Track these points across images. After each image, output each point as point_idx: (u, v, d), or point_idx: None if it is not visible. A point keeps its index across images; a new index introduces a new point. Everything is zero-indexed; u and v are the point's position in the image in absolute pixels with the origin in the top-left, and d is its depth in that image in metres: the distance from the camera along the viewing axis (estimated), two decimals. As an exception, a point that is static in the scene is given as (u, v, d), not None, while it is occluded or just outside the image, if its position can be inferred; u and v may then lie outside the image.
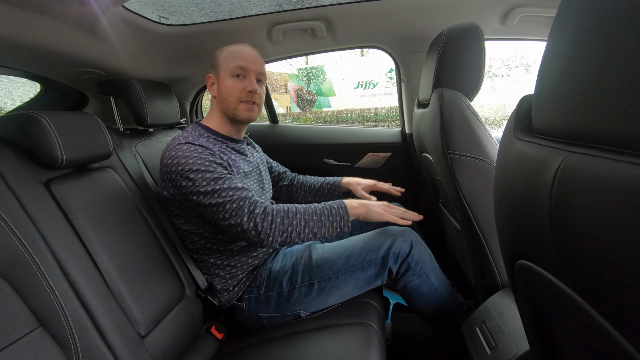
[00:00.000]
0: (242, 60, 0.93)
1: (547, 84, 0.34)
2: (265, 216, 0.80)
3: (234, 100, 0.93)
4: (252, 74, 0.94)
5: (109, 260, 0.76)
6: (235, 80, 0.93)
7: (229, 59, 0.94)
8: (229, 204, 0.80)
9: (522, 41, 1.36)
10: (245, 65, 0.93)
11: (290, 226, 0.81)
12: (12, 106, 1.42)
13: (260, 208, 0.81)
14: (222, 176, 0.83)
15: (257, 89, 0.94)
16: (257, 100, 0.96)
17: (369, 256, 0.91)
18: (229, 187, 0.82)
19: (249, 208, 0.80)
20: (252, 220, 0.79)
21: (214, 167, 0.84)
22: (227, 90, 0.93)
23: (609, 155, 0.26)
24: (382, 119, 3.96)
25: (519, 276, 0.45)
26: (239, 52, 0.95)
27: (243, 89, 0.93)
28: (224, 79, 0.94)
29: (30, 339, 0.57)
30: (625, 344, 0.27)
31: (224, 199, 0.80)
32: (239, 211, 0.80)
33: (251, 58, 0.95)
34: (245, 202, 0.81)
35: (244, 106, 0.94)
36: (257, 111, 0.97)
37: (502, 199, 0.44)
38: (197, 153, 0.84)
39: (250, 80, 0.94)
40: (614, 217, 0.25)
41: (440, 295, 0.95)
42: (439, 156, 0.89)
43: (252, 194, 0.83)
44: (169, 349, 0.81)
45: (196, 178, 0.82)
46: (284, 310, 0.94)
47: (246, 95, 0.93)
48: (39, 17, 0.84)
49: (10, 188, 0.65)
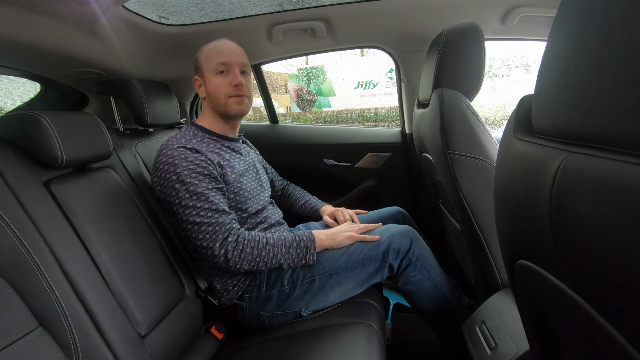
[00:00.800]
0: (222, 55, 0.94)
1: (547, 84, 0.34)
2: (237, 245, 0.83)
3: (222, 96, 0.94)
4: (235, 66, 0.94)
5: (109, 260, 0.76)
6: (220, 76, 0.94)
7: (209, 58, 0.94)
8: (205, 226, 0.82)
9: (522, 41, 1.36)
10: (227, 60, 0.93)
11: (258, 257, 0.85)
12: (12, 106, 1.42)
13: (233, 236, 0.84)
14: (205, 192, 0.84)
15: (242, 80, 0.94)
16: (246, 92, 0.96)
17: (370, 252, 0.92)
18: (210, 207, 0.83)
19: (223, 234, 0.83)
20: (224, 247, 0.82)
21: (200, 179, 0.84)
22: (214, 89, 0.94)
23: (609, 155, 0.26)
24: (382, 119, 3.96)
25: (519, 276, 0.45)
26: (217, 48, 0.95)
27: (229, 84, 0.93)
28: (209, 78, 0.94)
29: (30, 339, 0.57)
30: (625, 344, 0.27)
31: (202, 218, 0.82)
32: (214, 236, 0.82)
33: (231, 51, 0.95)
34: (221, 228, 0.83)
35: (233, 100, 0.95)
36: (247, 103, 0.98)
37: (502, 199, 0.44)
38: (186, 162, 0.85)
39: (234, 73, 0.94)
40: (614, 217, 0.25)
41: (442, 290, 0.96)
42: (439, 156, 0.89)
43: (229, 219, 0.85)
44: (169, 349, 0.81)
45: (180, 189, 0.83)
46: (285, 309, 0.94)
47: (233, 90, 0.94)
48: (39, 17, 0.84)
49: (10, 188, 0.65)
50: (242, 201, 0.96)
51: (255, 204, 1.01)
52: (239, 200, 0.96)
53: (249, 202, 0.98)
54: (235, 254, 0.83)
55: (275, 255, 0.86)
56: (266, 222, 1.03)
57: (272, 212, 1.08)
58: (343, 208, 1.19)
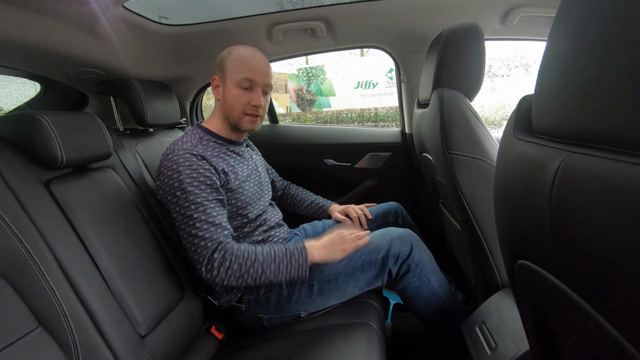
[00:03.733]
0: (251, 72, 0.90)
1: (547, 84, 0.34)
2: (223, 261, 0.81)
3: (238, 111, 0.92)
4: (259, 87, 0.92)
5: (109, 260, 0.76)
6: (242, 91, 0.91)
7: (236, 67, 0.90)
8: (198, 240, 0.81)
9: (522, 41, 1.36)
10: (254, 78, 0.90)
11: (246, 273, 0.82)
12: (12, 106, 1.42)
13: (220, 252, 0.81)
14: (205, 202, 0.83)
15: (262, 103, 0.92)
16: (261, 113, 0.95)
17: (369, 257, 0.91)
18: (206, 219, 0.82)
19: (211, 251, 0.81)
20: (210, 264, 0.80)
21: (201, 189, 0.84)
22: (232, 100, 0.91)
23: (609, 155, 0.26)
24: (382, 119, 3.96)
25: (519, 276, 0.45)
26: (248, 60, 0.91)
27: (248, 102, 0.91)
28: (230, 87, 0.91)
29: (30, 339, 0.57)
30: (625, 344, 0.27)
31: (197, 230, 0.81)
32: (204, 251, 0.81)
33: (260, 69, 0.91)
34: (213, 244, 0.81)
35: (247, 119, 0.93)
36: (259, 122, 0.97)
37: (502, 199, 0.44)
38: (190, 170, 0.84)
39: (257, 93, 0.91)
40: (614, 217, 0.25)
41: (440, 297, 0.95)
42: (439, 156, 0.89)
43: (223, 235, 0.83)
44: (169, 349, 0.81)
45: (181, 197, 0.83)
46: (283, 311, 0.93)
47: (251, 109, 0.92)
48: (39, 17, 0.84)
49: (10, 188, 0.65)
50: (243, 207, 0.96)
51: (256, 209, 1.00)
52: (240, 206, 0.95)
53: (249, 208, 0.97)
54: (222, 271, 0.80)
55: (264, 272, 0.83)
56: (265, 224, 1.02)
57: (272, 214, 1.08)
58: (353, 205, 1.18)
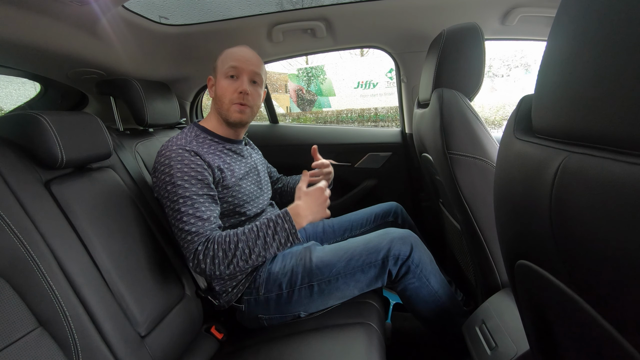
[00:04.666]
0: (235, 60, 0.93)
1: (547, 84, 0.34)
2: (207, 252, 0.79)
3: (226, 101, 0.93)
4: (245, 74, 0.93)
5: (109, 260, 0.76)
6: (229, 81, 0.93)
7: (224, 60, 0.94)
8: (185, 234, 0.81)
9: (522, 41, 1.36)
10: (238, 65, 0.92)
11: (234, 257, 0.79)
12: (12, 106, 1.42)
13: (202, 245, 0.80)
14: (194, 197, 0.83)
15: (248, 89, 0.93)
16: (249, 102, 0.94)
17: (369, 258, 0.91)
18: (194, 214, 0.81)
19: (196, 245, 0.80)
20: (196, 258, 0.79)
21: (191, 183, 0.84)
22: (221, 91, 0.94)
23: (609, 155, 0.26)
24: (382, 119, 3.96)
25: (519, 276, 0.45)
26: (234, 52, 0.95)
27: (235, 90, 0.92)
28: (219, 80, 0.94)
29: (30, 339, 0.57)
30: (625, 344, 0.27)
31: (184, 225, 0.81)
32: (190, 246, 0.80)
33: (245, 58, 0.94)
34: (200, 238, 0.80)
35: (235, 108, 0.94)
36: (249, 113, 0.96)
37: (502, 199, 0.44)
38: (181, 164, 0.84)
39: (242, 80, 0.93)
40: (614, 217, 0.25)
41: (440, 298, 0.95)
42: (439, 156, 0.89)
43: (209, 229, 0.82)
44: (169, 349, 0.81)
45: (171, 191, 0.83)
46: (283, 312, 0.93)
47: (238, 97, 0.92)
48: (39, 17, 0.84)
49: (10, 188, 0.65)
50: (241, 205, 0.96)
51: (254, 207, 1.00)
52: (237, 204, 0.95)
53: (247, 206, 0.97)
54: (208, 262, 0.79)
55: (252, 250, 0.80)
56: None
57: (272, 214, 1.08)
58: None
